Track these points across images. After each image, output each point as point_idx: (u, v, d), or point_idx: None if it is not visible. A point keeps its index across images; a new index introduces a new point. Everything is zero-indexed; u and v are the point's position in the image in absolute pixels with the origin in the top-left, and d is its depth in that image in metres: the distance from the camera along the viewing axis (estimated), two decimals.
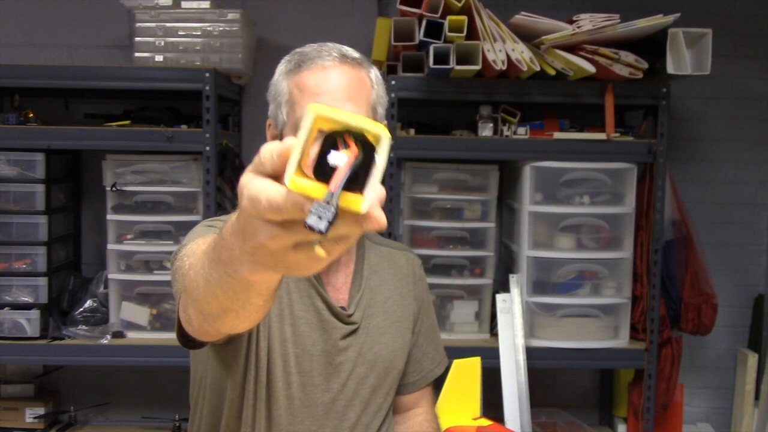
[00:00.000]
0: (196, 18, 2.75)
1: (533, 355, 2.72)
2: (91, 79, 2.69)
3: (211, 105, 2.62)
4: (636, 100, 2.78)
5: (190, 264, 0.99)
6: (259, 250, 0.71)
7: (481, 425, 2.19)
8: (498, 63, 2.52)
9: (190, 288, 0.96)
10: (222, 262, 0.81)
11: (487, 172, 2.84)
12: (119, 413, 3.14)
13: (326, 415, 1.34)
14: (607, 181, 2.79)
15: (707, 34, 2.59)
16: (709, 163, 3.25)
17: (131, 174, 2.75)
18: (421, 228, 2.81)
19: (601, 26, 2.55)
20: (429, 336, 1.52)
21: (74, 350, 2.70)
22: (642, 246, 2.81)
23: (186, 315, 1.06)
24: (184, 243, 1.19)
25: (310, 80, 1.28)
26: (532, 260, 2.77)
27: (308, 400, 1.33)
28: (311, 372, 1.33)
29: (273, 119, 1.36)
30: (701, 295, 2.97)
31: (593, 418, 3.24)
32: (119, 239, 2.76)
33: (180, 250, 1.16)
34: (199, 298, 0.92)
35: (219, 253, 0.81)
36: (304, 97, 1.28)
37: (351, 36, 3.08)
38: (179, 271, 1.07)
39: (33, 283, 2.74)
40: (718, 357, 3.29)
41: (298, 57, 1.32)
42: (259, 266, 0.74)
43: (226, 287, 0.84)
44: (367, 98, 1.31)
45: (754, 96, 3.24)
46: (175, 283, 1.13)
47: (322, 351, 1.34)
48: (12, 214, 2.73)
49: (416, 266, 1.54)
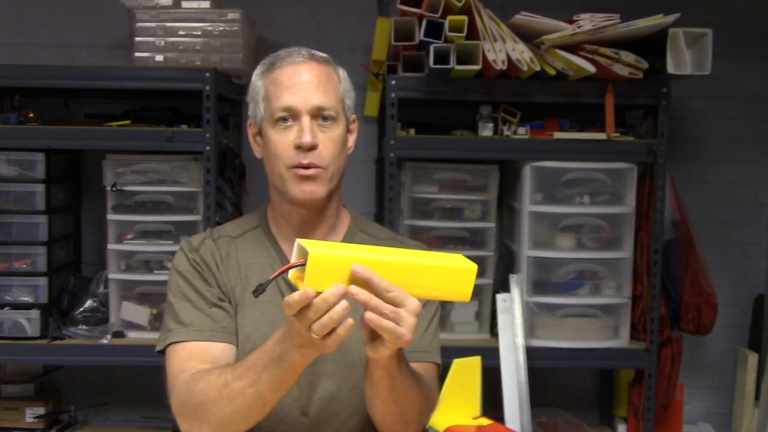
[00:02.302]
0: (197, 18, 2.75)
1: (533, 355, 2.71)
2: (91, 79, 2.69)
3: (211, 105, 2.61)
4: (636, 100, 2.78)
5: (219, 383, 1.28)
6: (302, 338, 1.14)
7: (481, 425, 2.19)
8: (498, 63, 2.52)
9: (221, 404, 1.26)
10: (274, 361, 1.21)
11: (487, 172, 2.84)
12: (119, 413, 3.14)
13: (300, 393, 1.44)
14: (607, 181, 2.79)
15: (707, 34, 2.59)
16: (709, 163, 3.25)
17: (131, 174, 2.75)
18: (421, 228, 2.81)
19: (601, 26, 2.55)
20: (420, 323, 1.47)
21: (74, 350, 2.70)
22: (642, 246, 2.81)
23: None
24: (169, 304, 1.45)
25: (283, 75, 1.43)
26: (532, 260, 2.77)
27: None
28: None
29: (252, 117, 1.49)
30: (701, 295, 2.97)
31: (593, 418, 3.24)
32: (119, 239, 2.76)
33: (168, 333, 1.42)
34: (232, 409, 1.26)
35: (270, 357, 1.21)
36: (279, 90, 1.41)
37: (351, 36, 3.08)
38: (188, 390, 1.32)
39: (33, 283, 2.74)
40: (718, 357, 3.29)
41: (271, 59, 1.47)
42: (304, 350, 1.17)
43: (273, 381, 1.22)
44: (335, 90, 1.44)
45: (754, 96, 3.24)
46: (178, 385, 1.36)
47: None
48: (12, 214, 2.72)
49: None
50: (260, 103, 1.45)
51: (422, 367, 1.45)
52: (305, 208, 1.45)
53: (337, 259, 1.10)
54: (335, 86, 1.44)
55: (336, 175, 1.44)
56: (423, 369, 1.44)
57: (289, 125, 1.40)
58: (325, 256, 1.09)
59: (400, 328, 1.11)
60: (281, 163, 1.41)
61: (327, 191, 1.43)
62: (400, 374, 1.26)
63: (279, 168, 1.41)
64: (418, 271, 1.15)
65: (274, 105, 1.41)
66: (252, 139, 1.50)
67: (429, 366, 1.48)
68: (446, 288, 1.18)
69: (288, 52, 1.46)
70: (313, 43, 1.57)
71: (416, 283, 1.15)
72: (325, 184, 1.42)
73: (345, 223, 1.55)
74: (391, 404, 1.31)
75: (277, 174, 1.42)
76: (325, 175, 1.41)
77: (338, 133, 1.43)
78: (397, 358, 1.23)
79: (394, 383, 1.27)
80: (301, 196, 1.41)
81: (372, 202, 3.12)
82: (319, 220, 1.48)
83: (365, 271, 1.10)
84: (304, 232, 1.47)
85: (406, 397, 1.31)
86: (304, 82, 1.40)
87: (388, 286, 1.11)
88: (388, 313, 1.11)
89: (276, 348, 1.20)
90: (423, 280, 1.16)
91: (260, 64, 1.49)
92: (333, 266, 1.10)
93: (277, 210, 1.51)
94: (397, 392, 1.29)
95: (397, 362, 1.24)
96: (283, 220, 1.50)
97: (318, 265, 1.09)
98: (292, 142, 1.39)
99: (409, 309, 1.12)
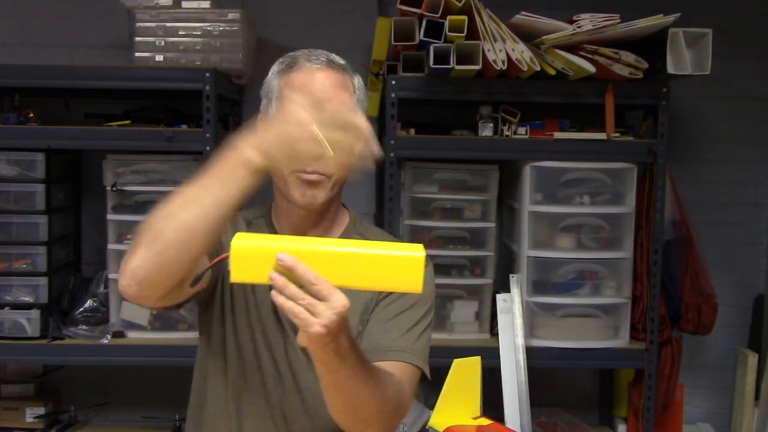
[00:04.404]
0: (197, 18, 2.75)
1: (533, 355, 2.72)
2: (91, 79, 2.69)
3: (211, 105, 2.62)
4: (636, 100, 2.78)
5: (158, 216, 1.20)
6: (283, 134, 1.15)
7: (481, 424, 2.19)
8: (498, 63, 2.52)
9: (159, 227, 1.18)
10: (213, 174, 1.17)
11: (487, 172, 2.84)
12: (119, 413, 3.14)
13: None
14: (607, 181, 2.79)
15: (707, 34, 2.59)
16: (709, 163, 3.25)
17: (131, 174, 2.76)
18: (421, 228, 2.81)
19: (601, 26, 2.55)
20: (399, 323, 1.45)
21: (74, 350, 2.70)
22: (642, 246, 2.81)
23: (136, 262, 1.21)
24: None
25: (298, 79, 1.43)
26: (532, 260, 2.77)
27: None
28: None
29: (263, 114, 1.49)
30: (701, 295, 2.97)
31: (593, 418, 3.24)
32: (119, 239, 2.76)
33: None
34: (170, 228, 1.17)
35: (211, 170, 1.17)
36: (292, 93, 1.41)
37: (351, 36, 3.08)
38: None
39: (33, 282, 2.74)
40: (718, 357, 3.29)
41: (290, 59, 1.47)
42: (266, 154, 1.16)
43: (204, 199, 1.16)
44: (348, 99, 1.45)
45: (754, 96, 3.24)
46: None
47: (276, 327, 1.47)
48: (12, 214, 2.73)
49: None
50: (273, 101, 1.46)
51: (397, 367, 1.40)
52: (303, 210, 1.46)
53: (262, 250, 1.10)
54: (349, 95, 1.46)
55: (339, 183, 1.45)
56: (397, 369, 1.40)
57: None
58: (248, 247, 1.10)
59: (310, 317, 1.09)
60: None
61: (327, 198, 1.43)
62: (343, 370, 1.21)
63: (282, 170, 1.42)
64: (356, 261, 1.12)
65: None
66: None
67: (405, 367, 1.42)
68: (392, 278, 1.13)
69: (308, 54, 1.46)
70: (313, 43, 1.57)
71: (357, 273, 1.12)
72: (326, 191, 1.42)
73: (343, 225, 1.56)
74: (340, 401, 1.28)
75: (280, 174, 1.43)
76: (328, 182, 1.42)
77: None
78: (338, 354, 1.18)
79: (337, 379, 1.23)
80: (301, 200, 1.42)
81: (372, 202, 3.12)
82: (317, 221, 1.49)
83: (289, 260, 1.09)
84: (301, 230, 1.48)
85: (357, 395, 1.26)
86: (318, 89, 1.42)
87: (313, 279, 1.09)
88: (303, 302, 1.09)
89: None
90: (364, 270, 1.12)
91: (278, 61, 1.49)
92: (259, 257, 1.09)
93: (278, 206, 1.53)
94: (343, 389, 1.25)
95: (337, 358, 1.18)
96: (283, 217, 1.52)
97: (242, 256, 1.09)
98: None
99: (332, 305, 1.10)
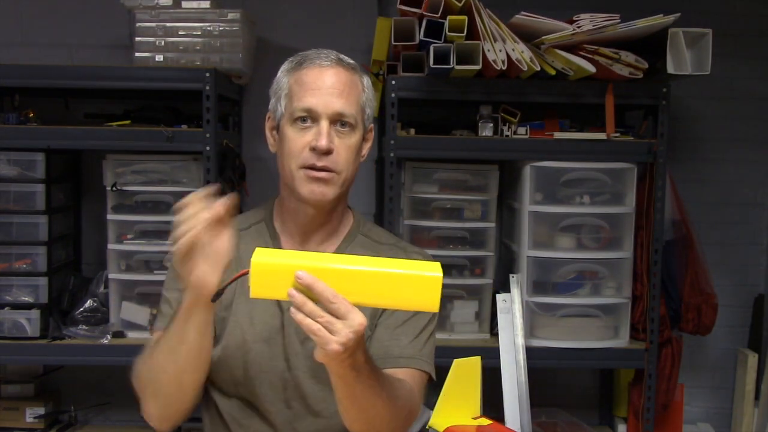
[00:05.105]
0: (197, 18, 2.74)
1: (533, 355, 2.72)
2: (91, 79, 2.69)
3: (211, 105, 2.61)
4: (636, 100, 2.78)
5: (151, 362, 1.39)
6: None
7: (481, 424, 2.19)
8: (498, 63, 2.52)
9: (155, 371, 1.38)
10: (175, 318, 1.32)
11: (487, 172, 2.84)
12: (119, 413, 3.13)
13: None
14: (607, 181, 2.79)
15: (707, 34, 2.59)
16: (709, 163, 3.25)
17: (131, 174, 2.75)
18: (421, 228, 2.81)
19: (601, 26, 2.55)
20: (407, 329, 1.47)
21: (74, 350, 2.70)
22: (642, 246, 2.81)
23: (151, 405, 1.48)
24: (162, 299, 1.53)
25: (308, 76, 1.44)
26: (532, 260, 2.77)
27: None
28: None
29: (272, 112, 1.50)
30: (701, 295, 2.97)
31: (593, 418, 3.24)
32: (119, 239, 2.76)
33: (159, 317, 1.51)
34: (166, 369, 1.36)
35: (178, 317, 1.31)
36: (302, 90, 1.43)
37: (351, 36, 3.08)
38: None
39: (33, 283, 2.74)
40: (718, 357, 3.29)
41: (300, 58, 1.48)
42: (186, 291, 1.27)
43: (175, 335, 1.32)
44: (357, 98, 1.46)
45: (754, 96, 3.24)
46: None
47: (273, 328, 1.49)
48: (12, 214, 2.72)
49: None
50: (282, 99, 1.47)
51: (407, 373, 1.43)
52: (312, 208, 1.46)
53: (281, 267, 1.11)
54: (358, 94, 1.46)
55: (347, 181, 1.46)
56: (408, 376, 1.43)
57: (307, 126, 1.42)
58: (267, 263, 1.12)
59: (328, 335, 1.10)
60: (294, 161, 1.43)
61: (336, 195, 1.45)
62: (358, 384, 1.22)
63: (291, 166, 1.43)
64: (374, 280, 1.13)
65: (295, 104, 1.43)
66: (268, 132, 1.53)
67: (415, 373, 1.45)
68: (410, 298, 1.14)
69: (317, 53, 1.47)
70: (313, 43, 1.58)
71: (375, 292, 1.13)
72: (335, 188, 1.44)
73: (348, 226, 1.57)
74: (354, 411, 1.29)
75: (288, 171, 1.44)
76: (337, 179, 1.43)
77: (354, 141, 1.45)
78: (354, 369, 1.19)
79: (352, 392, 1.24)
80: (310, 196, 1.43)
81: (372, 202, 3.12)
82: (324, 221, 1.50)
83: (308, 278, 1.11)
84: (307, 230, 1.50)
85: (371, 406, 1.28)
86: (328, 86, 1.42)
87: (332, 297, 1.10)
88: (321, 320, 1.10)
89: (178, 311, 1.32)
90: (382, 289, 1.13)
91: (288, 60, 1.50)
92: (279, 274, 1.11)
93: (284, 206, 1.53)
94: (358, 401, 1.26)
95: (353, 372, 1.19)
96: (289, 217, 1.52)
97: (261, 272, 1.11)
98: (308, 143, 1.42)
99: (350, 323, 1.10)
